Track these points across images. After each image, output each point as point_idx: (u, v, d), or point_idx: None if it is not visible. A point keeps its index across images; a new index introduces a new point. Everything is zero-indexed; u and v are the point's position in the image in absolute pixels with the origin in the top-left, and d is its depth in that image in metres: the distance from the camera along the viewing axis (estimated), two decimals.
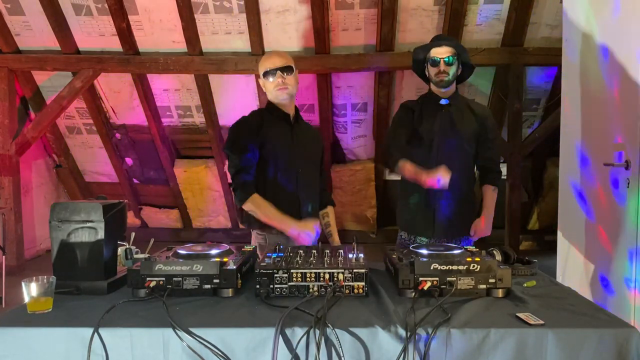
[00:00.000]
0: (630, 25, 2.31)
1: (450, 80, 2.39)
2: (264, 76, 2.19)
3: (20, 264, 5.02)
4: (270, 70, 2.15)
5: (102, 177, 6.05)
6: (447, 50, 2.37)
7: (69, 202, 1.56)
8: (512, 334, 1.21)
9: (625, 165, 2.29)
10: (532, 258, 1.79)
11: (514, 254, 1.76)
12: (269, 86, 2.19)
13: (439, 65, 2.36)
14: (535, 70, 4.89)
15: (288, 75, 2.16)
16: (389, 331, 1.21)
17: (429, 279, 1.43)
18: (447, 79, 2.37)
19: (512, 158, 4.93)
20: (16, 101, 5.17)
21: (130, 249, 1.75)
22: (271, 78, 2.16)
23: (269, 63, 2.16)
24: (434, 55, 2.38)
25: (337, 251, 1.64)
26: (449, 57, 2.36)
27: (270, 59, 2.18)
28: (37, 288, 1.35)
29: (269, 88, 2.19)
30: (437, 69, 2.37)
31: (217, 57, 4.72)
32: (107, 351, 1.22)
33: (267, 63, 2.17)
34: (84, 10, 4.60)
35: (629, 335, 1.21)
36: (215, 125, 5.28)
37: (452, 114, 2.42)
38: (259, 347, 1.21)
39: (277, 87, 2.16)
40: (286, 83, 2.15)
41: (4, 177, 4.96)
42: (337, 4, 4.42)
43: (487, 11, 4.48)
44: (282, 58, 2.19)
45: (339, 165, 5.56)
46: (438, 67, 2.36)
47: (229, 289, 1.45)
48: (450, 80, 2.39)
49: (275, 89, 2.17)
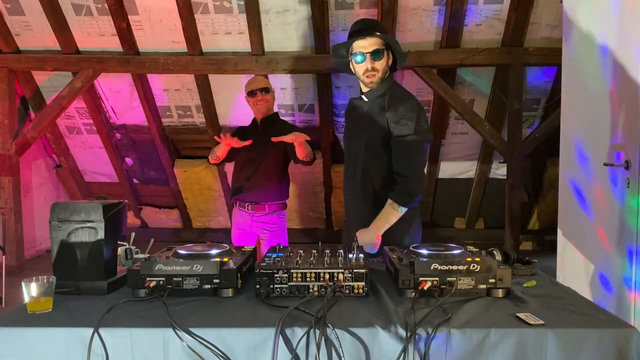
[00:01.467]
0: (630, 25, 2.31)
1: (383, 77, 2.09)
2: (248, 95, 3.12)
3: (20, 264, 5.02)
4: (252, 90, 3.10)
5: (102, 177, 6.05)
6: (372, 42, 2.03)
7: (69, 202, 1.56)
8: (512, 334, 1.21)
9: (625, 165, 2.28)
10: (532, 258, 1.79)
11: (514, 254, 1.76)
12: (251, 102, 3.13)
13: (365, 62, 2.05)
14: (535, 70, 4.89)
15: (266, 94, 3.10)
16: (389, 331, 1.22)
17: (429, 279, 1.43)
18: (378, 77, 2.07)
19: (512, 158, 4.93)
20: (16, 101, 5.16)
21: (130, 249, 1.75)
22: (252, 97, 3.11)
23: (253, 85, 3.13)
24: (358, 50, 2.05)
25: (337, 251, 1.64)
26: (377, 50, 2.03)
27: (255, 82, 3.16)
28: (37, 288, 1.35)
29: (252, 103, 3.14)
30: (364, 66, 2.06)
31: (217, 57, 4.72)
32: (107, 351, 1.22)
33: (251, 85, 3.13)
34: (84, 10, 4.60)
35: (629, 335, 1.21)
36: (215, 125, 5.28)
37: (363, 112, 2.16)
38: (259, 347, 1.21)
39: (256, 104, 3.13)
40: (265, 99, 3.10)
41: (4, 177, 4.96)
42: (337, 4, 4.42)
43: (487, 11, 4.48)
44: (261, 82, 3.15)
45: (339, 166, 5.56)
46: (364, 64, 2.05)
47: (229, 289, 1.45)
48: (382, 78, 2.09)
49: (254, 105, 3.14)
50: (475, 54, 4.55)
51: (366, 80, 2.10)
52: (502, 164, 5.48)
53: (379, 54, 2.05)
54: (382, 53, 2.05)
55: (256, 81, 3.17)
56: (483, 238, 5.87)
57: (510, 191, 4.99)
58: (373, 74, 2.07)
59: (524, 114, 4.98)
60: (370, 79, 2.08)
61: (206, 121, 5.26)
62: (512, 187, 4.98)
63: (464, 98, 5.01)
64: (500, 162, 5.51)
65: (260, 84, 3.11)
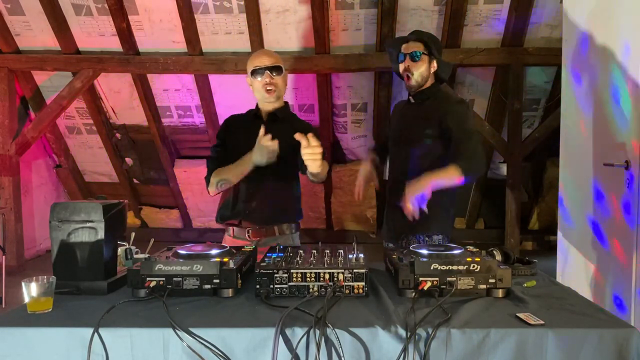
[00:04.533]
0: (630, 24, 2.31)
1: (418, 81, 2.15)
2: (251, 74, 2.17)
3: (20, 264, 5.03)
4: (259, 68, 2.13)
5: (102, 177, 6.05)
6: (414, 45, 2.13)
7: (69, 202, 1.56)
8: (512, 334, 1.21)
9: (625, 165, 2.28)
10: (532, 258, 1.79)
11: (514, 254, 1.76)
12: (257, 85, 2.17)
13: (403, 61, 2.14)
14: (535, 70, 4.89)
15: (277, 75, 2.15)
16: (389, 331, 1.21)
17: (429, 279, 1.43)
18: (414, 80, 2.13)
19: (512, 158, 4.93)
20: (16, 101, 5.17)
21: (130, 249, 1.75)
22: (259, 77, 2.14)
23: (257, 61, 2.14)
24: (400, 52, 2.17)
25: (337, 251, 1.64)
26: (415, 53, 2.11)
27: (259, 57, 2.16)
28: (37, 288, 1.35)
29: (257, 87, 2.17)
30: (402, 65, 2.14)
31: (217, 57, 4.72)
32: (107, 351, 1.22)
33: (255, 61, 2.15)
34: (84, 11, 4.60)
35: (629, 335, 1.21)
36: (215, 125, 5.28)
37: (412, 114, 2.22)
38: (259, 347, 1.21)
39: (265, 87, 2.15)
40: (274, 83, 2.14)
41: (4, 177, 4.96)
42: (337, 4, 4.42)
43: (487, 11, 4.48)
44: (272, 57, 2.17)
45: (339, 165, 5.57)
46: (403, 63, 2.14)
47: (229, 289, 1.45)
48: (419, 82, 2.15)
49: (262, 89, 2.15)
50: (475, 54, 4.56)
51: (405, 81, 2.17)
52: (502, 164, 5.48)
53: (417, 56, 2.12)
54: (419, 56, 2.12)
55: (264, 56, 2.17)
56: (483, 238, 5.88)
57: (510, 191, 4.99)
58: (409, 76, 2.14)
59: (524, 114, 4.99)
60: (408, 82, 2.16)
61: (206, 121, 5.26)
62: (512, 187, 4.99)
63: (464, 98, 5.01)
64: (500, 162, 5.51)
65: (270, 60, 2.15)
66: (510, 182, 4.98)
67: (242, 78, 4.94)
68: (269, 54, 2.19)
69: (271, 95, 2.15)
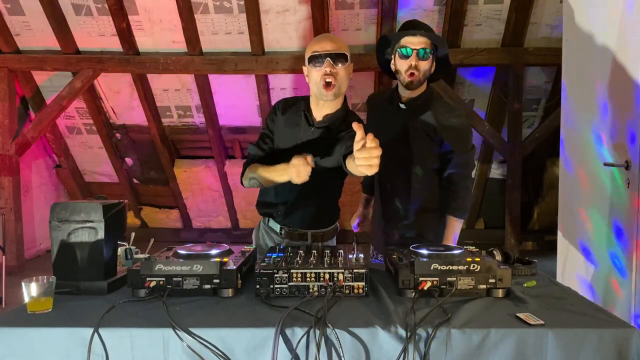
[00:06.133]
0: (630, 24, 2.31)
1: (421, 81, 2.00)
2: (309, 62, 1.83)
3: (20, 264, 5.03)
4: (318, 55, 1.80)
5: (102, 177, 6.05)
6: (422, 40, 1.94)
7: (69, 202, 1.55)
8: (512, 334, 1.21)
9: (625, 165, 2.28)
10: (532, 258, 1.79)
11: (514, 254, 1.76)
12: (314, 76, 1.83)
13: (409, 58, 1.94)
14: (535, 70, 4.89)
15: (340, 65, 1.81)
16: (389, 331, 1.21)
17: (429, 279, 1.43)
18: (418, 78, 1.96)
19: (512, 158, 4.93)
20: (16, 101, 5.17)
21: (130, 249, 1.75)
22: (318, 65, 1.81)
23: (317, 46, 1.82)
24: (406, 45, 1.95)
25: (337, 251, 1.64)
26: (425, 50, 1.93)
27: (320, 42, 1.84)
28: (37, 288, 1.35)
29: (314, 78, 1.83)
30: (408, 63, 1.96)
31: (217, 57, 4.72)
32: (107, 351, 1.22)
33: (315, 46, 1.83)
34: (84, 11, 4.60)
35: (629, 335, 1.21)
36: (215, 125, 5.28)
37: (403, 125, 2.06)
38: (259, 347, 1.21)
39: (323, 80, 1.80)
40: (334, 74, 1.79)
41: (4, 177, 4.96)
42: (337, 4, 4.42)
43: (487, 11, 4.48)
44: (335, 43, 1.82)
45: None
46: (409, 60, 1.95)
47: (229, 289, 1.45)
48: (421, 81, 2.00)
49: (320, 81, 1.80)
50: (475, 54, 4.56)
51: (407, 78, 1.97)
52: (502, 164, 5.48)
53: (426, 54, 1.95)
54: (428, 54, 1.95)
55: (326, 40, 1.87)
56: (483, 238, 5.87)
57: (510, 191, 4.99)
58: (414, 73, 1.95)
59: (524, 114, 4.99)
60: (411, 78, 1.96)
61: (206, 121, 5.26)
62: (512, 187, 4.99)
63: (464, 98, 5.01)
64: (500, 162, 5.51)
65: (333, 45, 1.83)
66: (510, 182, 4.98)
67: (242, 78, 4.98)
68: (333, 39, 1.87)
69: (329, 92, 1.81)
